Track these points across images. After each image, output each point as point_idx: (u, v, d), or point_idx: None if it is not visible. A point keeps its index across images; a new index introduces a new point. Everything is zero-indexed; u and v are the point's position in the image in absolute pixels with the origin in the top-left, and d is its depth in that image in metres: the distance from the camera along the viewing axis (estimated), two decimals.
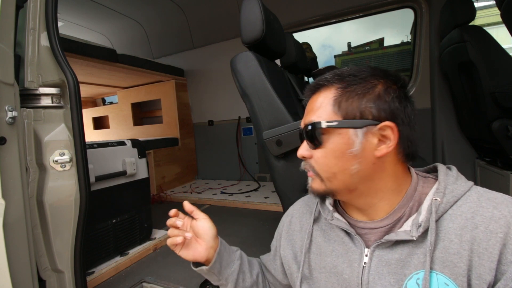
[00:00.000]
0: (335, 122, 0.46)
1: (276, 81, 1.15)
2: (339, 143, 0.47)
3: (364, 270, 0.48)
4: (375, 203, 0.49)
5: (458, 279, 0.40)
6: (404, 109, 0.47)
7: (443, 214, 0.44)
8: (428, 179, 0.51)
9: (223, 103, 3.10)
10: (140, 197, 1.56)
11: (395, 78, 0.48)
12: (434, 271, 0.42)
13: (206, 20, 2.93)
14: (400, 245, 0.46)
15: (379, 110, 0.45)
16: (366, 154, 0.46)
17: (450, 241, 0.42)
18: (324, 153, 0.48)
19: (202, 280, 1.21)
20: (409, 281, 0.44)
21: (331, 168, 0.48)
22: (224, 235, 1.67)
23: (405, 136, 0.47)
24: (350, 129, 0.46)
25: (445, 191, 0.45)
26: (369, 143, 0.46)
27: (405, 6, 2.17)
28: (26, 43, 0.88)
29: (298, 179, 0.96)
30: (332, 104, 0.48)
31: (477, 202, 0.43)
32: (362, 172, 0.47)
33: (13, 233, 0.72)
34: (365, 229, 0.51)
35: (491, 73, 1.40)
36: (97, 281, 1.24)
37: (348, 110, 0.46)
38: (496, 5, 1.23)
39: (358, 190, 0.49)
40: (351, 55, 7.40)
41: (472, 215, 0.42)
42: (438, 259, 0.42)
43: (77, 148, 0.92)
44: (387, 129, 0.45)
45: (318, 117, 0.49)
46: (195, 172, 3.36)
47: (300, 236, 0.60)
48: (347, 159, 0.46)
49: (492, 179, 1.63)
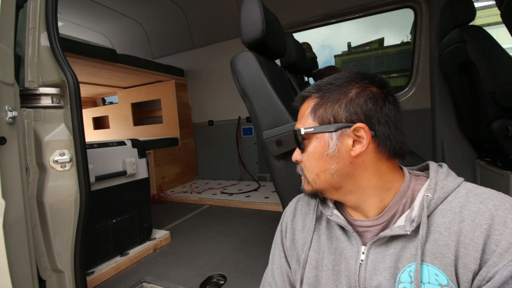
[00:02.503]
0: (311, 129, 0.52)
1: (276, 81, 1.15)
2: (317, 147, 0.52)
3: (361, 267, 0.50)
4: (365, 200, 0.52)
5: (447, 269, 0.43)
6: (381, 109, 0.49)
7: (434, 209, 0.46)
8: (420, 177, 0.53)
9: (223, 103, 3.10)
10: (140, 197, 1.56)
11: (371, 80, 0.51)
12: (425, 263, 0.44)
13: (206, 20, 2.93)
14: (394, 241, 0.48)
15: (351, 113, 0.49)
16: (342, 154, 0.50)
17: (439, 234, 0.44)
18: (307, 156, 0.54)
19: (202, 280, 1.21)
20: (402, 274, 0.46)
21: (314, 170, 0.53)
22: (224, 235, 1.68)
23: (382, 135, 0.49)
24: (325, 133, 0.51)
25: (436, 187, 0.48)
26: (344, 144, 0.50)
27: (405, 6, 2.17)
28: (26, 43, 0.88)
29: (298, 179, 0.95)
30: (310, 112, 0.53)
31: (465, 197, 0.45)
32: (341, 171, 0.50)
33: (13, 233, 0.72)
34: (362, 227, 0.53)
35: (491, 73, 1.40)
36: (97, 281, 1.24)
37: (323, 116, 0.51)
38: (496, 5, 1.23)
39: (343, 188, 0.52)
40: (351, 55, 7.41)
41: (460, 209, 0.45)
42: (429, 251, 0.44)
43: (77, 148, 0.92)
44: (360, 130, 0.48)
45: (302, 125, 0.55)
46: (195, 172, 3.36)
47: (302, 235, 0.62)
48: (325, 160, 0.51)
49: (492, 179, 1.63)
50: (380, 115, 0.49)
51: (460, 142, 1.98)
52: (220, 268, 1.29)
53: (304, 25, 2.56)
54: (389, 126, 0.49)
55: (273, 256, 0.68)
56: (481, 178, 1.83)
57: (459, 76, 1.68)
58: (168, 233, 1.67)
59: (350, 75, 0.53)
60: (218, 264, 1.33)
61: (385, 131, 0.49)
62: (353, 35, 76.30)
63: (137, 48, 3.43)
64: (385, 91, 0.51)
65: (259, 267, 1.28)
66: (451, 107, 2.00)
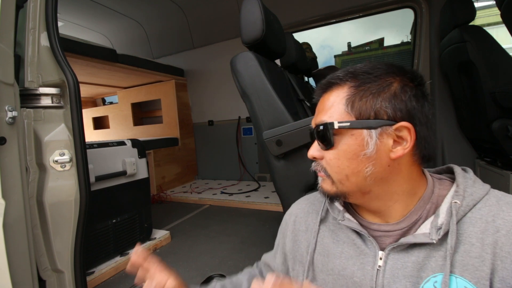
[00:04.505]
0: (348, 123, 0.45)
1: (276, 81, 1.15)
2: (352, 144, 0.45)
3: (379, 273, 0.47)
4: (389, 206, 0.48)
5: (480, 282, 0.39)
6: (422, 109, 0.45)
7: (462, 217, 0.43)
8: (443, 181, 0.49)
9: (223, 103, 3.10)
10: (140, 197, 1.56)
11: (412, 76, 0.46)
12: (453, 275, 0.41)
13: (206, 20, 2.93)
14: (416, 248, 0.45)
15: (395, 110, 0.43)
16: (381, 156, 0.44)
17: (471, 245, 0.41)
18: (336, 154, 0.47)
19: (202, 280, 1.21)
20: (426, 284, 0.43)
21: (343, 170, 0.46)
22: (224, 235, 1.68)
23: (422, 137, 0.45)
24: (363, 129, 0.44)
25: (465, 194, 0.44)
26: (383, 144, 0.44)
27: (405, 6, 2.17)
28: (26, 43, 0.88)
29: (298, 179, 0.96)
30: (344, 103, 0.46)
31: (497, 205, 0.42)
32: (376, 175, 0.45)
33: (13, 233, 0.72)
34: (380, 231, 0.49)
35: (491, 73, 1.40)
36: (97, 281, 1.24)
37: (361, 109, 0.44)
38: (496, 5, 1.23)
39: (372, 193, 0.47)
40: (351, 55, 7.41)
41: (493, 218, 0.41)
42: (458, 263, 0.41)
43: (77, 148, 0.92)
44: (403, 129, 0.43)
45: (329, 117, 0.47)
46: (195, 172, 3.36)
47: (305, 236, 0.58)
48: (360, 161, 0.45)
49: (492, 179, 1.63)
50: (421, 115, 0.44)
51: (460, 142, 1.97)
52: (220, 268, 1.29)
53: (304, 25, 2.56)
54: (428, 128, 0.45)
55: (275, 252, 0.67)
56: (481, 178, 1.81)
57: (459, 76, 1.68)
58: (168, 233, 1.67)
59: (389, 66, 0.47)
60: (218, 264, 1.33)
61: (425, 133, 0.45)
62: (353, 35, 76.39)
63: (137, 48, 3.43)
64: (424, 89, 0.47)
65: None
66: (451, 107, 2.00)
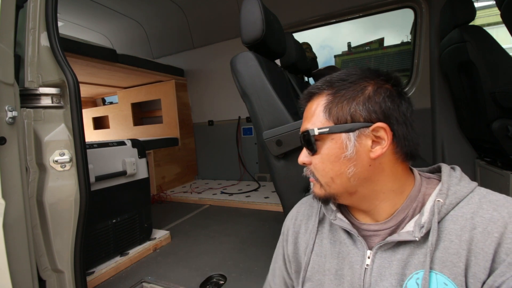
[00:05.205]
0: (326, 129, 0.48)
1: (276, 81, 1.15)
2: (333, 148, 0.48)
3: (366, 272, 0.48)
4: (377, 205, 0.49)
5: (457, 278, 0.41)
6: (398, 108, 0.47)
7: (445, 215, 0.44)
8: (431, 180, 0.51)
9: (223, 103, 3.10)
10: (140, 197, 1.56)
11: (386, 77, 0.48)
12: (434, 271, 0.42)
13: (206, 20, 2.93)
14: (402, 246, 0.46)
15: (370, 112, 0.46)
16: (361, 157, 0.47)
17: (450, 242, 0.43)
18: (320, 159, 0.50)
19: (202, 280, 1.21)
20: (409, 281, 0.44)
21: (328, 173, 0.49)
22: (224, 235, 1.68)
23: (401, 135, 0.47)
24: (342, 133, 0.47)
25: (448, 192, 0.45)
26: (362, 145, 0.46)
27: (405, 6, 2.17)
28: (26, 43, 0.88)
29: (298, 179, 0.96)
30: (323, 110, 0.49)
31: (478, 203, 0.43)
32: (359, 175, 0.47)
33: (13, 233, 0.72)
34: (370, 231, 0.51)
35: (491, 73, 1.40)
36: (97, 281, 1.24)
37: (338, 115, 0.47)
38: (496, 5, 1.23)
39: (358, 193, 0.49)
40: (351, 55, 7.40)
41: (471, 216, 0.43)
42: (438, 259, 0.43)
43: (77, 148, 0.92)
44: (380, 130, 0.46)
45: (312, 124, 0.50)
46: (195, 172, 3.36)
47: (305, 238, 0.60)
48: (342, 163, 0.47)
49: (492, 179, 1.63)
50: (398, 114, 0.46)
51: (460, 142, 1.97)
52: (220, 268, 1.29)
53: (304, 25, 2.55)
54: (406, 126, 0.47)
55: (273, 269, 0.67)
56: (481, 178, 1.83)
57: (459, 76, 1.68)
58: (168, 233, 1.67)
59: (363, 71, 0.49)
60: (218, 264, 1.33)
61: (403, 131, 0.47)
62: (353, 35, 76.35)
63: (137, 48, 3.43)
64: (400, 88, 0.49)
65: (259, 267, 1.28)
66: (451, 107, 2.00)
